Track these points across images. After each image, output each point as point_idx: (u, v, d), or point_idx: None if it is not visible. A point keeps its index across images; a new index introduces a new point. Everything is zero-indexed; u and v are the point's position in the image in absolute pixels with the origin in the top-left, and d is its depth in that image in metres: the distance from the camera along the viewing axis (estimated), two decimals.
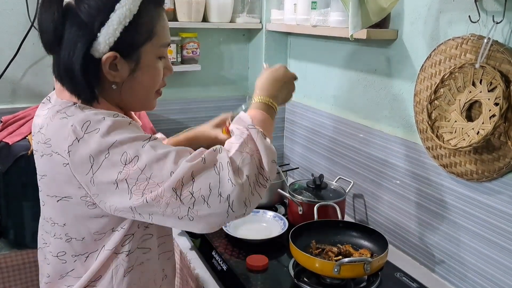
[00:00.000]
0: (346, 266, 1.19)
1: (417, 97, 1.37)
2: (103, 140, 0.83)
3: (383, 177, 1.57)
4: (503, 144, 1.13)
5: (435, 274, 1.41)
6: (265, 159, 0.87)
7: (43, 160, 0.92)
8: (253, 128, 0.90)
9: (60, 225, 0.95)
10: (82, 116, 0.86)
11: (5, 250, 1.58)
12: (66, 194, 0.90)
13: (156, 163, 0.83)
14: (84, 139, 0.83)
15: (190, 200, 0.81)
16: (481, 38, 1.16)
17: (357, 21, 1.26)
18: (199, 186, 0.81)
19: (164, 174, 0.82)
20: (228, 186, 0.81)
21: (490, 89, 1.13)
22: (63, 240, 0.95)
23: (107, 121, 0.85)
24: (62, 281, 1.00)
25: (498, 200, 1.19)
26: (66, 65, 0.89)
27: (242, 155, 0.85)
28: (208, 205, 0.81)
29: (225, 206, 0.81)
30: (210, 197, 0.81)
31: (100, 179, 0.84)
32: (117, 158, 0.83)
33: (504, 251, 1.19)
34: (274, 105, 1.03)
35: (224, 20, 2.04)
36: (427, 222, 1.42)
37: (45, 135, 0.90)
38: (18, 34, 1.80)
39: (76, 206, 0.90)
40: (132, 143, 0.84)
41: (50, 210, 0.96)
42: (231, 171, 0.82)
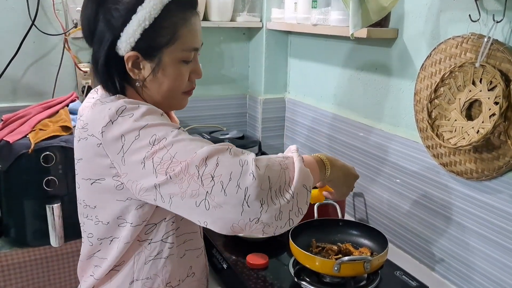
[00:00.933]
0: (346, 264, 1.20)
1: (417, 96, 1.37)
2: (135, 123, 0.88)
3: (383, 175, 1.58)
4: (503, 143, 1.13)
5: (434, 273, 1.41)
6: (296, 178, 0.86)
7: (80, 144, 0.97)
8: (297, 154, 0.92)
9: (92, 207, 1.01)
10: (119, 102, 0.91)
11: (6, 248, 1.59)
12: (99, 175, 0.95)
13: (182, 144, 0.86)
14: (117, 121, 0.89)
15: (209, 182, 0.82)
16: (481, 37, 1.16)
17: (357, 20, 1.26)
18: (221, 172, 0.82)
19: (189, 153, 0.84)
20: (249, 179, 0.81)
21: (490, 88, 1.13)
22: (93, 222, 1.02)
23: (142, 108, 0.90)
24: (90, 260, 1.07)
25: (497, 199, 1.19)
26: (94, 57, 0.97)
27: (271, 161, 0.87)
28: (225, 193, 0.81)
29: (241, 198, 0.81)
30: (229, 184, 0.81)
31: (130, 159, 0.88)
32: (146, 139, 0.86)
33: (503, 249, 1.19)
34: (328, 170, 1.03)
35: (224, 19, 2.04)
36: (427, 221, 1.42)
37: (83, 121, 0.96)
38: (19, 33, 1.80)
39: (106, 187, 0.95)
40: (162, 127, 0.88)
41: (84, 193, 1.02)
42: (255, 166, 0.83)
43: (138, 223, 0.98)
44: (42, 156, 1.50)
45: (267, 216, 0.84)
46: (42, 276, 1.63)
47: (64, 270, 1.64)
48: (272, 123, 2.20)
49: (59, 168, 1.52)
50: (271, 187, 0.84)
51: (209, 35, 2.13)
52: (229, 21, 2.07)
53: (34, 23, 1.80)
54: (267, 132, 2.20)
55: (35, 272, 1.63)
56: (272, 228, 0.85)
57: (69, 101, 1.75)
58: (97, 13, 0.94)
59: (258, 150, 2.04)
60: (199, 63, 1.05)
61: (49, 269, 1.63)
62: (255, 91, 2.23)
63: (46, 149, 1.51)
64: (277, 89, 2.18)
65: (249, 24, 2.10)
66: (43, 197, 1.53)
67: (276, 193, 0.84)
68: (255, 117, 2.23)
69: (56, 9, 1.84)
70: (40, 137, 1.52)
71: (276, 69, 2.15)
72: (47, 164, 1.51)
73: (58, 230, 1.55)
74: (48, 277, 1.64)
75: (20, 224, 1.58)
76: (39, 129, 1.57)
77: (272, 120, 2.19)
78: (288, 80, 2.18)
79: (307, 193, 0.88)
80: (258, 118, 2.20)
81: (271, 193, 0.83)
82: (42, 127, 1.59)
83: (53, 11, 1.83)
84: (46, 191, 1.53)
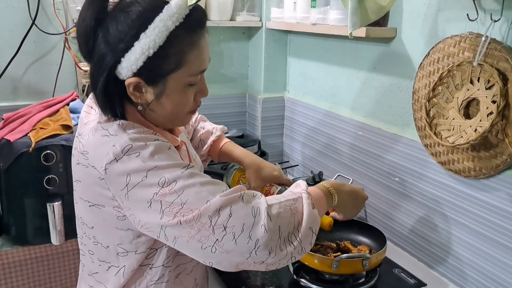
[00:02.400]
0: (344, 262, 1.21)
1: (416, 94, 1.38)
2: (143, 164, 0.84)
3: (382, 174, 1.59)
4: (500, 142, 1.14)
5: (433, 270, 1.42)
6: (304, 223, 0.87)
7: (78, 167, 0.93)
8: (306, 193, 0.91)
9: (89, 226, 0.97)
10: (125, 139, 0.86)
11: (6, 247, 1.59)
12: (99, 202, 0.91)
13: (193, 190, 0.83)
14: (122, 160, 0.84)
15: (221, 232, 0.81)
16: (479, 36, 1.17)
17: (355, 20, 1.27)
18: (234, 223, 0.81)
19: (201, 201, 0.82)
20: (261, 231, 0.81)
21: (487, 87, 1.14)
22: (91, 242, 0.98)
23: (150, 147, 0.86)
24: (87, 279, 1.03)
25: (495, 197, 1.20)
26: (92, 78, 0.90)
27: (283, 208, 0.86)
28: (235, 242, 0.81)
29: (251, 248, 0.82)
30: (241, 236, 0.81)
31: (135, 197, 0.84)
32: (154, 180, 0.83)
33: (501, 247, 1.20)
34: (335, 199, 1.03)
35: (224, 18, 2.05)
36: (425, 218, 1.43)
37: (84, 146, 0.91)
38: (19, 32, 1.81)
39: (106, 214, 0.91)
40: (171, 169, 0.85)
41: (82, 211, 0.98)
42: (267, 218, 0.82)
43: (143, 251, 0.95)
44: (43, 154, 1.51)
45: (273, 260, 0.85)
46: (43, 274, 1.64)
47: (65, 268, 1.65)
48: (271, 122, 2.21)
49: (59, 166, 1.53)
50: (281, 236, 0.84)
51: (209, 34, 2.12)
52: (229, 20, 2.07)
53: (35, 23, 1.81)
54: (267, 131, 2.21)
55: (36, 270, 1.63)
56: (274, 266, 0.87)
57: (69, 100, 1.76)
58: (96, 31, 0.86)
59: (258, 149, 2.04)
60: (205, 82, 1.00)
61: (50, 267, 1.64)
62: (254, 90, 2.24)
63: (47, 147, 1.52)
64: (276, 88, 2.19)
65: (249, 24, 2.11)
66: (43, 196, 1.54)
67: (284, 240, 0.85)
68: (255, 116, 2.23)
69: (56, 8, 1.84)
70: (41, 136, 1.53)
71: (275, 68, 2.16)
72: (48, 163, 1.52)
73: (58, 228, 1.56)
74: (49, 275, 1.65)
75: (21, 223, 1.59)
76: (40, 128, 1.58)
77: (271, 119, 2.20)
78: (288, 79, 2.18)
79: (312, 236, 0.89)
80: (257, 117, 2.20)
81: (280, 241, 0.84)
82: (42, 126, 1.59)
83: (54, 10, 1.84)
84: (46, 189, 1.54)
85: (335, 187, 1.04)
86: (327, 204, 1.01)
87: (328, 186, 1.03)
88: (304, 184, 0.96)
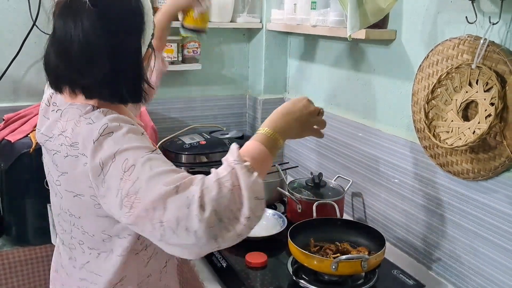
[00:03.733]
0: (343, 263, 1.21)
1: (415, 96, 1.39)
2: (114, 145, 0.86)
3: (382, 175, 1.59)
4: (498, 144, 1.15)
5: (431, 272, 1.43)
6: (246, 195, 0.82)
7: (67, 160, 0.93)
8: (238, 164, 0.85)
9: (76, 217, 0.98)
10: (103, 121, 0.89)
11: (7, 247, 1.60)
12: (79, 191, 0.93)
13: (145, 177, 0.82)
14: (99, 141, 0.87)
15: (160, 227, 0.80)
16: (477, 39, 1.17)
17: (355, 22, 1.27)
18: (168, 217, 0.79)
19: (148, 192, 0.81)
20: (195, 222, 0.78)
21: (486, 89, 1.14)
22: (80, 232, 1.00)
23: (124, 128, 0.89)
24: (78, 273, 1.04)
25: (494, 198, 1.21)
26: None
27: (219, 189, 0.81)
28: (177, 236, 0.80)
29: (193, 240, 0.79)
30: (178, 229, 0.79)
31: (107, 183, 0.86)
32: (119, 163, 0.84)
33: (499, 249, 1.20)
34: (277, 138, 0.98)
35: (224, 19, 2.05)
36: (425, 220, 1.44)
37: (70, 139, 0.92)
38: (20, 33, 1.82)
39: (86, 204, 0.94)
40: (135, 151, 0.86)
41: (68, 203, 0.99)
42: (198, 207, 0.78)
43: (124, 236, 0.96)
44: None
45: (228, 242, 0.82)
46: (43, 274, 1.65)
47: None
48: None
49: None
50: (222, 219, 0.80)
51: (209, 36, 2.14)
52: (229, 22, 2.08)
53: (36, 24, 1.82)
54: None
55: (37, 270, 1.64)
56: (235, 242, 0.84)
57: None
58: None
59: None
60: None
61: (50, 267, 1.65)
62: (254, 91, 2.25)
63: None
64: (276, 89, 2.20)
65: (249, 25, 2.12)
66: (44, 196, 1.54)
67: (229, 221, 0.81)
68: (255, 117, 2.24)
69: None
70: None
71: (275, 69, 2.17)
72: None
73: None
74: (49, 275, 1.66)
75: (21, 223, 1.59)
76: None
77: None
78: (288, 81, 2.19)
79: (261, 203, 0.85)
80: (257, 118, 2.21)
81: (223, 224, 0.80)
82: None
83: None
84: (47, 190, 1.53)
85: (275, 127, 0.99)
86: (271, 152, 0.96)
87: (268, 132, 0.98)
88: (234, 150, 0.89)
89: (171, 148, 1.94)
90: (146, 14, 0.96)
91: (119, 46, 0.92)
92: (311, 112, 1.07)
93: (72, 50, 0.90)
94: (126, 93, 0.95)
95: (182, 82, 2.15)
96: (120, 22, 0.93)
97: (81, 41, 0.89)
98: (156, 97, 2.08)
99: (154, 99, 2.05)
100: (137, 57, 0.96)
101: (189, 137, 2.02)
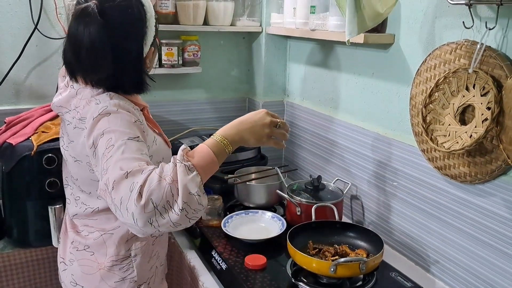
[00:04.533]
0: (342, 265, 1.22)
1: (413, 100, 1.40)
2: (106, 125, 1.04)
3: (380, 178, 1.60)
4: (495, 147, 1.16)
5: (429, 274, 1.44)
6: (181, 190, 0.93)
7: (75, 131, 1.15)
8: (180, 163, 0.97)
9: (75, 178, 1.24)
10: (106, 103, 1.09)
11: (9, 249, 1.61)
12: (79, 158, 1.17)
13: (114, 159, 0.98)
14: (97, 119, 1.06)
15: (111, 203, 0.95)
16: (474, 44, 1.18)
17: (353, 27, 1.28)
18: (115, 196, 0.93)
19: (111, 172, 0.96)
20: (132, 205, 0.91)
21: (482, 94, 1.16)
22: (78, 189, 1.24)
23: (120, 113, 1.07)
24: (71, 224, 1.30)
25: (491, 202, 1.22)
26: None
27: (159, 182, 0.93)
28: (121, 213, 0.94)
29: (131, 220, 0.92)
30: (121, 208, 0.93)
31: (97, 154, 1.04)
32: (105, 139, 1.02)
33: (496, 252, 1.21)
34: (226, 144, 1.09)
35: (224, 23, 2.07)
36: (422, 223, 1.45)
37: (81, 114, 1.14)
38: (22, 36, 1.83)
39: (83, 168, 1.18)
40: (120, 133, 1.03)
41: (71, 167, 1.24)
42: (137, 194, 0.91)
43: None
44: (44, 158, 1.53)
45: (164, 227, 0.94)
46: (44, 276, 1.66)
47: None
48: None
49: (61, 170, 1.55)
50: (157, 206, 0.92)
51: (210, 39, 2.16)
52: (229, 25, 2.09)
53: (37, 27, 1.83)
54: None
55: (38, 272, 1.65)
56: (179, 227, 0.96)
57: None
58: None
59: (257, 153, 2.06)
60: None
61: (51, 269, 1.66)
62: (254, 94, 2.26)
63: (48, 151, 1.53)
64: (276, 92, 2.21)
65: (249, 29, 2.13)
66: (45, 198, 1.56)
67: (164, 209, 0.92)
68: None
69: (58, 13, 1.86)
70: (43, 140, 1.55)
71: (275, 72, 2.18)
72: (49, 166, 1.54)
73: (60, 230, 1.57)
74: (50, 277, 1.67)
75: (23, 225, 1.60)
76: (42, 132, 1.60)
77: None
78: (287, 84, 2.20)
79: (194, 198, 0.95)
80: None
81: (158, 212, 0.92)
82: (44, 129, 1.61)
83: (56, 15, 1.86)
84: (48, 192, 1.56)
85: (227, 134, 1.10)
86: (218, 157, 1.06)
87: (219, 138, 1.09)
88: (182, 150, 1.01)
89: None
90: (148, 20, 1.14)
91: (122, 51, 1.11)
92: (266, 124, 1.16)
93: (81, 52, 1.08)
94: (129, 86, 1.18)
95: (182, 85, 2.16)
96: (123, 30, 1.11)
97: (88, 46, 1.07)
98: (157, 100, 2.10)
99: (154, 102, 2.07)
100: (139, 58, 1.16)
101: (189, 139, 2.03)
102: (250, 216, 1.67)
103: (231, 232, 1.53)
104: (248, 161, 1.99)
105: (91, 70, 1.12)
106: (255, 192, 1.76)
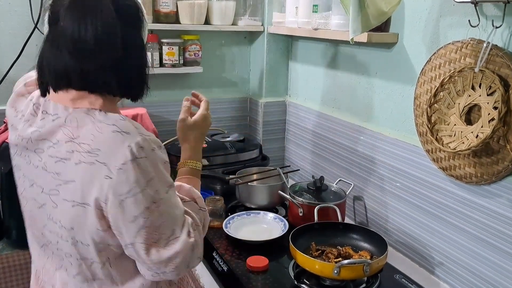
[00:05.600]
0: (345, 267, 1.20)
1: (417, 100, 1.38)
2: (146, 172, 0.88)
3: (383, 179, 1.58)
4: (502, 148, 1.14)
5: (434, 276, 1.42)
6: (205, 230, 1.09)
7: (79, 167, 0.89)
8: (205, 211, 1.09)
9: (68, 228, 0.93)
10: (137, 139, 0.89)
11: (7, 250, 1.60)
12: (86, 201, 0.89)
13: (168, 215, 0.93)
14: (134, 162, 0.87)
15: (166, 267, 0.96)
16: (480, 42, 1.17)
17: (357, 25, 1.27)
18: (177, 263, 0.95)
19: (166, 232, 0.93)
20: (197, 262, 1.00)
21: (489, 93, 1.14)
22: (69, 243, 0.95)
23: (156, 151, 0.92)
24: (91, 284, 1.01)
25: (497, 203, 1.20)
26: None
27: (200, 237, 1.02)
28: (178, 274, 0.98)
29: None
30: (182, 269, 0.97)
31: (128, 207, 0.88)
32: (149, 193, 0.89)
33: (502, 253, 1.20)
34: (197, 165, 1.21)
35: (226, 22, 2.05)
36: (427, 224, 1.43)
37: (90, 145, 0.89)
38: (22, 36, 1.81)
39: (88, 214, 0.90)
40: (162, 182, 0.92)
41: (61, 213, 0.94)
42: (200, 250, 1.01)
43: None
44: None
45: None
46: None
47: None
48: (273, 126, 2.21)
49: None
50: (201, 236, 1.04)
51: (211, 39, 2.14)
52: (231, 25, 2.08)
53: (37, 26, 1.81)
54: (268, 135, 2.21)
55: None
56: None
57: None
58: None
59: (259, 153, 2.04)
60: None
61: None
62: (256, 94, 2.24)
63: None
64: (278, 92, 2.19)
65: (251, 28, 2.12)
66: None
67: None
68: (256, 120, 2.23)
69: None
70: None
71: (277, 72, 2.17)
72: None
73: None
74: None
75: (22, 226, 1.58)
76: None
77: (273, 123, 2.20)
78: (289, 84, 2.19)
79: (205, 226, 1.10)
80: (259, 121, 2.21)
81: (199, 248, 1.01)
82: None
83: None
84: None
85: (192, 157, 1.22)
86: (196, 175, 1.19)
87: (191, 164, 1.20)
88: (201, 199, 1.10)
89: (172, 151, 1.93)
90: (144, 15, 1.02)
91: (128, 39, 0.94)
92: (210, 123, 1.35)
93: (86, 44, 0.91)
94: (132, 82, 0.98)
95: (183, 85, 2.15)
96: (129, 17, 0.97)
97: (96, 36, 0.90)
98: (157, 100, 2.09)
99: (154, 102, 2.06)
100: (142, 48, 1.01)
101: None
102: (251, 217, 1.65)
103: (232, 233, 1.52)
104: (250, 161, 1.97)
105: (93, 59, 0.91)
106: (257, 193, 1.74)
